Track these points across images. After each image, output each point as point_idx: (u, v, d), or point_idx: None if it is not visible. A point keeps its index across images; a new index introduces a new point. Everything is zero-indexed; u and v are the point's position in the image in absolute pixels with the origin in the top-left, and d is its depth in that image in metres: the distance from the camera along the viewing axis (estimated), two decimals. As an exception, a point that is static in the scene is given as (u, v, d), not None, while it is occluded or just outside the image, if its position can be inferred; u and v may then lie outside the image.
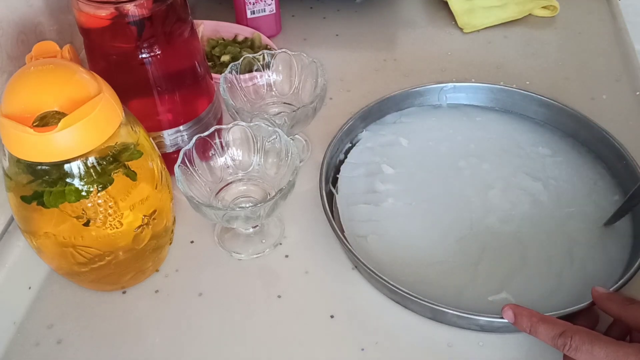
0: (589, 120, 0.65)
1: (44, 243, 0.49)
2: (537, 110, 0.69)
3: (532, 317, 0.46)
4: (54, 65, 0.45)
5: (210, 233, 0.61)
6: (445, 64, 0.80)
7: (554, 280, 0.54)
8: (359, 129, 0.68)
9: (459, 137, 0.68)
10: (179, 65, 0.59)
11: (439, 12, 0.89)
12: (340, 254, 0.58)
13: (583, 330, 0.44)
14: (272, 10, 0.82)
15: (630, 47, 0.80)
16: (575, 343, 0.43)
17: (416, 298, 0.51)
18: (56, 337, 0.53)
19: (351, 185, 0.63)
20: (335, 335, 0.52)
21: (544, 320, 0.46)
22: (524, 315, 0.47)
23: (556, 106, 0.67)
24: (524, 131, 0.68)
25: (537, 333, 0.46)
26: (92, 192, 0.46)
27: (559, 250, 0.56)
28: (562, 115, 0.67)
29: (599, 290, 0.48)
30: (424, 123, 0.70)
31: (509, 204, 0.60)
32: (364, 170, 0.65)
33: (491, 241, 0.58)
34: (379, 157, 0.66)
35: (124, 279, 0.55)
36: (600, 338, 0.43)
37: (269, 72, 0.66)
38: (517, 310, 0.47)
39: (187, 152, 0.55)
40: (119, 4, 0.51)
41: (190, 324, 0.53)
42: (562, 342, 0.44)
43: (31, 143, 0.42)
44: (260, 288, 0.56)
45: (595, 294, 0.48)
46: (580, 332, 0.43)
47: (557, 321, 0.45)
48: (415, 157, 0.66)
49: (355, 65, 0.81)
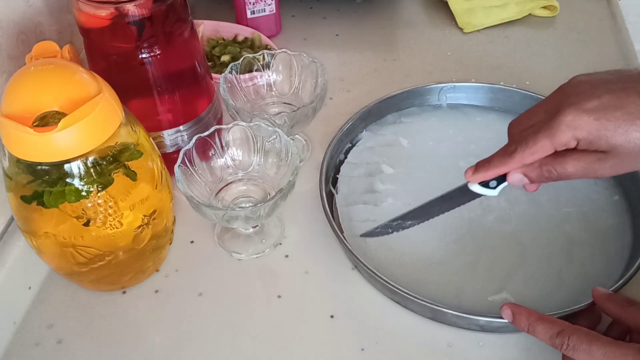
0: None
1: (44, 243, 0.49)
2: None
3: (531, 317, 0.46)
4: (54, 65, 0.45)
5: (210, 233, 0.61)
6: (445, 64, 0.80)
7: (554, 279, 0.54)
8: (359, 129, 0.68)
9: (459, 137, 0.68)
10: (179, 65, 0.59)
11: (439, 12, 0.89)
12: (340, 254, 0.58)
13: (581, 329, 0.44)
14: (272, 10, 0.82)
15: (630, 47, 0.80)
16: (572, 342, 0.43)
17: (416, 298, 0.51)
18: (56, 337, 0.53)
19: (351, 185, 0.63)
20: (335, 335, 0.52)
21: (542, 320, 0.46)
22: (523, 315, 0.46)
23: None
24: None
25: (535, 332, 0.46)
26: (92, 192, 0.46)
27: (557, 249, 0.56)
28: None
29: (600, 291, 0.48)
30: (424, 123, 0.70)
31: (507, 204, 0.60)
32: (363, 170, 0.65)
33: (489, 241, 0.58)
34: (379, 157, 0.66)
35: (124, 279, 0.55)
36: (598, 338, 0.43)
37: (269, 72, 0.66)
38: (515, 309, 0.47)
39: (187, 152, 0.55)
40: (119, 4, 0.51)
41: (190, 324, 0.53)
42: (559, 341, 0.44)
43: (31, 143, 0.42)
44: (260, 288, 0.56)
45: (595, 294, 0.48)
46: (578, 332, 0.43)
47: (556, 320, 0.45)
48: (415, 157, 0.66)
49: (355, 65, 0.81)
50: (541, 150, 0.45)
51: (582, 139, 0.43)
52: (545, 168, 0.45)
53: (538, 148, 0.44)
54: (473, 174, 0.49)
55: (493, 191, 0.49)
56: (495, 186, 0.49)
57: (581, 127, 0.42)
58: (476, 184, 0.49)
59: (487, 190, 0.49)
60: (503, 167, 0.47)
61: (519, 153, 0.45)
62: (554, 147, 0.44)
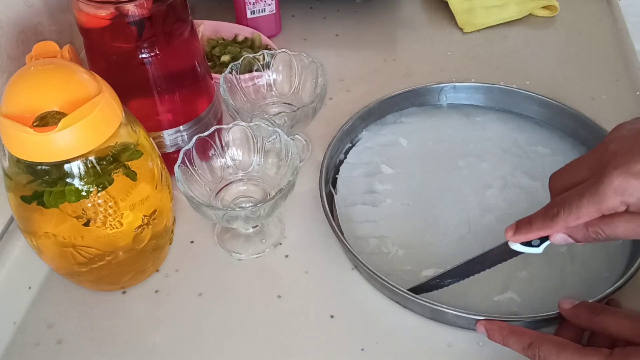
0: (589, 120, 0.65)
1: (44, 243, 0.49)
2: (537, 110, 0.69)
3: (503, 330, 0.47)
4: (54, 65, 0.45)
5: (210, 233, 0.61)
6: (445, 64, 0.80)
7: (557, 278, 0.54)
8: (359, 129, 0.68)
9: (459, 137, 0.68)
10: (179, 65, 0.59)
11: (439, 12, 0.89)
12: (340, 254, 0.58)
13: (550, 339, 0.44)
14: (272, 10, 0.82)
15: (630, 47, 0.80)
16: (542, 353, 0.44)
17: (416, 298, 0.51)
18: (56, 337, 0.53)
19: (350, 185, 0.63)
20: (335, 335, 0.52)
21: (513, 332, 0.46)
22: (495, 330, 0.47)
23: (556, 106, 0.67)
24: (524, 131, 0.68)
25: (509, 345, 0.46)
26: (92, 192, 0.46)
27: (558, 248, 0.56)
28: (562, 115, 0.67)
29: (566, 304, 0.47)
30: (424, 123, 0.70)
31: (506, 203, 0.60)
32: (363, 170, 0.65)
33: (490, 240, 0.57)
34: (379, 157, 0.66)
35: (124, 279, 0.55)
36: (567, 347, 0.43)
37: (269, 72, 0.66)
38: (488, 325, 0.48)
39: (187, 152, 0.55)
40: (119, 4, 0.51)
41: (190, 324, 0.53)
42: (531, 353, 0.44)
43: (31, 143, 0.42)
44: (260, 288, 0.56)
45: (561, 306, 0.48)
46: (546, 342, 0.44)
47: (526, 332, 0.46)
48: (415, 157, 0.66)
49: (355, 65, 0.81)
50: (586, 216, 0.42)
51: (632, 204, 0.40)
52: (592, 230, 0.43)
53: (583, 213, 0.42)
54: (514, 235, 0.47)
55: (537, 249, 0.47)
56: (539, 245, 0.47)
57: (630, 192, 0.40)
58: (517, 243, 0.48)
59: (530, 249, 0.47)
60: (545, 230, 0.45)
61: (562, 218, 0.43)
62: (601, 213, 0.42)
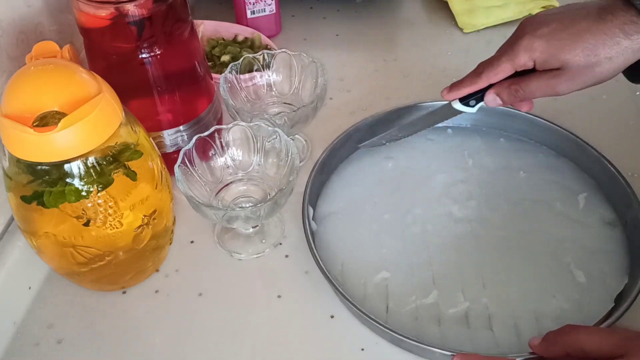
0: (585, 142, 0.63)
1: (44, 243, 0.49)
2: (538, 134, 0.67)
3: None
4: (54, 65, 0.45)
5: (210, 233, 0.61)
6: (445, 64, 0.80)
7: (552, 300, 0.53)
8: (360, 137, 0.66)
9: (455, 162, 0.65)
10: (179, 65, 0.59)
11: (439, 12, 0.89)
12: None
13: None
14: (272, 10, 0.82)
15: (630, 47, 0.80)
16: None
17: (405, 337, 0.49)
18: (56, 337, 0.53)
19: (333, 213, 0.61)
20: (335, 335, 0.52)
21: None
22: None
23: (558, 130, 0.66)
24: (521, 153, 0.66)
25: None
26: (92, 192, 0.46)
27: (553, 265, 0.56)
28: (559, 137, 0.65)
29: (534, 341, 0.47)
30: (423, 145, 0.67)
31: (503, 231, 0.59)
32: (347, 192, 0.63)
33: (488, 261, 0.56)
34: (370, 175, 0.64)
35: (124, 279, 0.55)
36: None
37: (269, 72, 0.66)
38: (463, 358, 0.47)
39: (187, 152, 0.55)
40: (119, 4, 0.51)
41: (190, 324, 0.53)
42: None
43: (31, 143, 0.42)
44: (260, 288, 0.56)
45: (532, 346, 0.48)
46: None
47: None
48: (404, 178, 0.64)
49: (355, 65, 0.81)
50: (503, 71, 0.53)
51: (537, 58, 0.51)
52: (513, 87, 0.53)
53: (501, 69, 0.53)
54: (448, 93, 0.57)
55: (472, 109, 0.57)
56: (474, 105, 0.56)
57: (535, 49, 0.51)
58: (458, 102, 0.57)
59: (467, 108, 0.57)
60: (473, 86, 0.55)
61: (485, 74, 0.54)
62: (514, 68, 0.53)
